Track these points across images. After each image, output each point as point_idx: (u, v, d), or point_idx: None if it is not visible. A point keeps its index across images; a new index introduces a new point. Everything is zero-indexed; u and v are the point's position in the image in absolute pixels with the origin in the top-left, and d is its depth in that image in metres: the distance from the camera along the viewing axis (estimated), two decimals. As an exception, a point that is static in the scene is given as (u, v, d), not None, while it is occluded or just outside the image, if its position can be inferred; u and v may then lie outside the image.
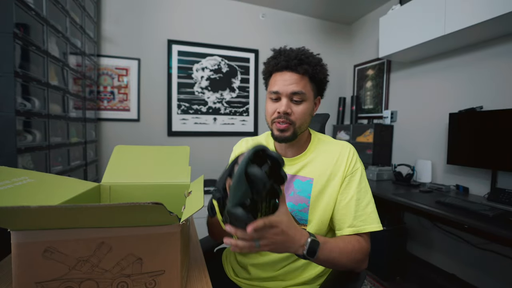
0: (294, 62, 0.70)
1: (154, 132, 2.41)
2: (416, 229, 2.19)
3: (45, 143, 1.25)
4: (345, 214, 0.72)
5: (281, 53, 0.73)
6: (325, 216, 0.74)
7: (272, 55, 0.76)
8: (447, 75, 2.03)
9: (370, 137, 2.44)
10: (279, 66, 0.72)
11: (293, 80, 0.71)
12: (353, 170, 0.75)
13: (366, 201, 0.73)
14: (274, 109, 0.73)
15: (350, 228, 0.71)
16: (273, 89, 0.73)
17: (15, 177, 0.54)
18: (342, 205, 0.72)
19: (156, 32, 2.37)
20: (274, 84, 0.73)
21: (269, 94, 0.75)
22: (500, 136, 1.56)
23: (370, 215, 0.72)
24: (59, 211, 0.40)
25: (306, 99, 0.73)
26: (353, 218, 0.71)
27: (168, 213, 0.43)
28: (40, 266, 0.43)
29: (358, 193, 0.73)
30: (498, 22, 1.48)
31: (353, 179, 0.74)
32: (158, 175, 0.80)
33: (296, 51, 0.73)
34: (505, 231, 1.11)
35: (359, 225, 0.70)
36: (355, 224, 0.71)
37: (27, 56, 1.11)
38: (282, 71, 0.73)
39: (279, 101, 0.73)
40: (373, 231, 0.71)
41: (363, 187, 0.74)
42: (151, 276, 0.47)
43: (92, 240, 0.44)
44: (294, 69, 0.71)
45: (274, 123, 0.74)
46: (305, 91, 0.72)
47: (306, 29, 2.94)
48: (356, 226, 0.70)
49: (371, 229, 0.71)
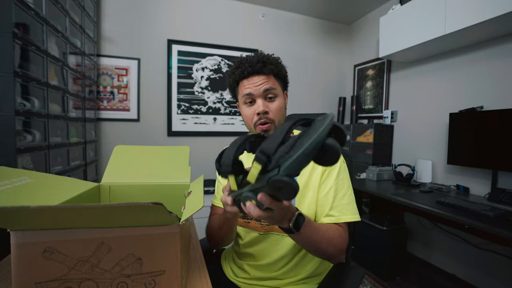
0: (259, 65, 0.75)
1: (154, 132, 2.40)
2: (416, 229, 2.19)
3: (45, 143, 1.25)
4: (323, 205, 0.75)
5: (243, 61, 0.77)
6: (311, 209, 0.76)
7: (234, 66, 0.80)
8: (447, 75, 2.03)
9: (370, 137, 2.44)
10: (246, 72, 0.76)
11: (262, 80, 0.75)
12: None
13: (342, 192, 0.76)
14: (253, 112, 0.76)
15: (326, 218, 0.74)
16: (245, 92, 0.76)
17: (14, 177, 0.54)
18: (321, 196, 0.76)
19: (156, 32, 2.37)
20: (245, 89, 0.77)
21: (242, 99, 0.78)
22: (501, 136, 1.56)
23: (347, 206, 0.74)
24: (59, 211, 0.40)
25: (278, 95, 0.78)
26: (329, 208, 0.74)
27: (168, 213, 0.43)
28: (40, 266, 0.42)
29: (336, 185, 0.75)
30: (498, 22, 1.48)
31: (332, 171, 0.77)
32: (158, 175, 0.80)
33: (256, 56, 0.77)
34: (505, 231, 1.11)
35: (335, 215, 0.73)
36: (331, 214, 0.74)
37: (26, 56, 1.10)
38: (249, 76, 0.76)
39: (254, 104, 0.77)
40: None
41: (341, 179, 0.77)
42: (151, 276, 0.47)
43: (91, 240, 0.44)
44: (260, 72, 0.75)
45: (256, 126, 0.77)
46: (275, 87, 0.77)
47: (306, 29, 2.94)
48: (332, 216, 0.73)
49: (347, 220, 0.73)
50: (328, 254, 0.69)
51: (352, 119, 2.93)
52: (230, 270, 0.87)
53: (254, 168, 0.41)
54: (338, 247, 0.69)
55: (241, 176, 0.52)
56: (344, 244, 0.71)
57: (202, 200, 0.51)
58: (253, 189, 0.46)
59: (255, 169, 0.41)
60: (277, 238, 0.77)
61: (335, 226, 0.72)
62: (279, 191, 0.40)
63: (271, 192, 0.43)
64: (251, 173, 0.42)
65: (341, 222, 0.73)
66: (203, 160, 2.33)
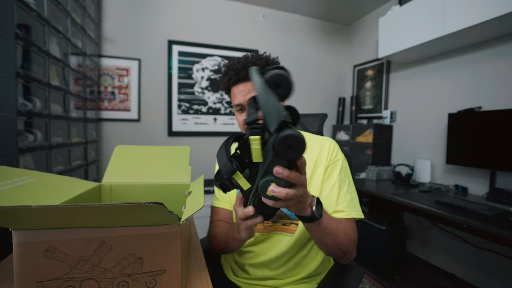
0: (243, 72, 0.72)
1: (155, 132, 2.41)
2: (415, 229, 2.19)
3: (46, 143, 1.25)
4: (329, 202, 0.73)
5: (230, 67, 0.76)
6: None
7: (223, 72, 0.79)
8: (446, 76, 2.04)
9: (369, 137, 2.44)
10: (232, 81, 0.75)
11: (248, 89, 0.73)
12: (335, 160, 0.77)
13: (345, 188, 0.75)
14: (243, 120, 0.76)
15: (336, 213, 0.72)
16: (235, 103, 0.76)
17: (16, 177, 0.54)
18: (325, 194, 0.74)
19: (157, 33, 2.38)
20: (234, 97, 0.76)
21: (234, 107, 0.78)
22: (499, 136, 1.56)
23: (351, 202, 0.74)
24: (59, 210, 0.40)
25: None
26: (335, 204, 0.73)
27: (168, 213, 0.43)
28: (41, 265, 0.43)
29: (340, 181, 0.75)
30: (498, 22, 1.49)
31: (334, 168, 0.76)
32: (158, 175, 0.80)
33: (242, 60, 0.74)
34: (503, 230, 1.12)
35: (345, 210, 0.72)
36: (340, 209, 0.72)
37: (28, 56, 1.11)
38: (236, 84, 0.75)
39: (244, 111, 0.76)
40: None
41: (343, 176, 0.76)
42: (151, 275, 0.48)
43: (92, 239, 0.44)
44: (246, 79, 0.73)
45: None
46: None
47: (306, 30, 2.94)
48: (342, 211, 0.72)
49: (354, 216, 0.72)
50: (345, 249, 0.66)
51: (351, 119, 2.93)
52: (230, 270, 0.87)
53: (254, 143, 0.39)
54: (353, 240, 0.68)
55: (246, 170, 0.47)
56: (355, 239, 0.69)
57: (202, 200, 0.51)
58: (264, 172, 0.43)
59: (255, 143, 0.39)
60: (280, 237, 0.77)
61: (345, 219, 0.70)
62: (289, 149, 0.38)
63: (284, 157, 0.40)
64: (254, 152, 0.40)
65: (350, 218, 0.72)
66: (203, 160, 2.33)
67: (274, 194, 0.42)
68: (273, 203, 0.44)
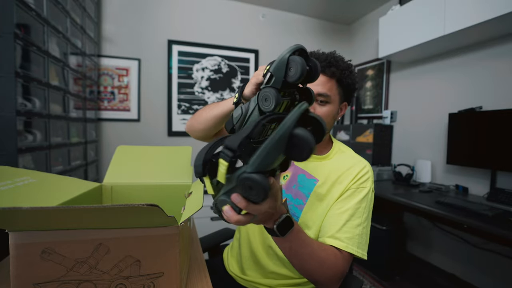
0: (323, 64, 0.70)
1: (155, 132, 2.41)
2: (415, 229, 2.19)
3: (46, 143, 1.25)
4: (332, 224, 0.66)
5: (312, 55, 0.71)
6: (316, 223, 0.72)
7: None
8: (446, 75, 2.03)
9: (370, 137, 2.44)
10: None
11: (320, 81, 0.70)
12: (360, 186, 0.70)
13: (359, 221, 0.66)
14: None
15: (330, 239, 0.64)
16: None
17: (17, 177, 0.54)
18: (333, 214, 0.68)
19: (156, 32, 2.37)
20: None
21: None
22: (500, 136, 1.56)
23: (358, 237, 0.65)
24: (56, 212, 0.39)
25: (331, 102, 0.72)
26: (337, 230, 0.65)
27: (164, 215, 0.42)
28: (38, 267, 0.42)
29: (355, 210, 0.67)
30: (498, 22, 1.48)
31: (356, 193, 0.69)
32: (160, 176, 0.80)
33: (326, 54, 0.73)
34: (504, 231, 1.12)
35: (341, 239, 0.63)
36: (337, 237, 0.64)
37: (27, 56, 1.11)
38: None
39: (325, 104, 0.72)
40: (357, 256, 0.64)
41: (363, 207, 0.68)
42: (149, 278, 0.47)
43: (89, 241, 0.44)
44: (322, 71, 0.70)
45: None
46: (330, 93, 0.71)
47: (306, 30, 2.93)
48: (337, 238, 0.64)
49: (353, 252, 0.63)
50: (315, 279, 0.58)
51: (351, 119, 2.93)
52: (231, 266, 0.88)
53: (221, 165, 0.37)
54: (327, 275, 0.58)
55: None
56: (337, 274, 0.59)
57: (201, 200, 0.51)
58: (227, 191, 0.41)
59: (222, 166, 0.37)
60: None
61: (334, 250, 0.62)
62: (250, 190, 0.36)
63: (244, 193, 0.38)
64: (219, 172, 0.38)
65: (344, 250, 0.62)
66: (203, 160, 2.33)
67: (226, 217, 0.42)
68: (226, 218, 0.43)
